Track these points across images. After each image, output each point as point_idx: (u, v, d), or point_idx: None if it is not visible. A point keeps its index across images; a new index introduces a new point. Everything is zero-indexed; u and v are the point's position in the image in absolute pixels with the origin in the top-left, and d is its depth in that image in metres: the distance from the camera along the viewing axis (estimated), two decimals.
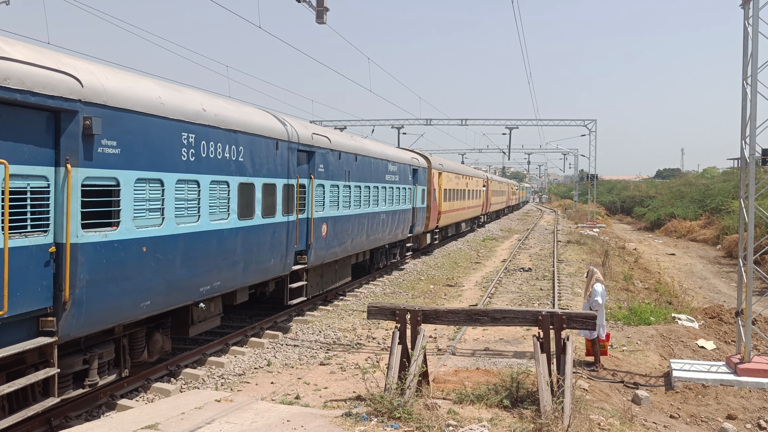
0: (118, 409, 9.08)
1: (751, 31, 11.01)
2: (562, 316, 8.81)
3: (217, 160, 10.56)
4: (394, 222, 21.69)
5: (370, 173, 18.98)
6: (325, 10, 13.99)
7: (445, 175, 31.27)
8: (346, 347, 12.83)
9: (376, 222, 19.61)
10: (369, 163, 18.86)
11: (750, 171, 11.12)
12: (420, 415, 7.65)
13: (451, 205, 33.33)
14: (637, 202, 76.01)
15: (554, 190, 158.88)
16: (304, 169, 14.33)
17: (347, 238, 17.10)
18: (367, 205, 18.66)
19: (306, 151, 14.32)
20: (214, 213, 10.51)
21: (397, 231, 22.42)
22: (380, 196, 19.94)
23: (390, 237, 21.58)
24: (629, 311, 16.76)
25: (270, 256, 12.58)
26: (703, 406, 10.61)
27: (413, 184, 24.75)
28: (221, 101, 11.47)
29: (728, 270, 33.05)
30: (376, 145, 20.91)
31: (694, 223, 52.67)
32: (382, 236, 20.47)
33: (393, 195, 21.49)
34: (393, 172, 21.46)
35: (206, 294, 10.45)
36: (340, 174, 16.34)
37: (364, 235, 18.48)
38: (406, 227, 23.75)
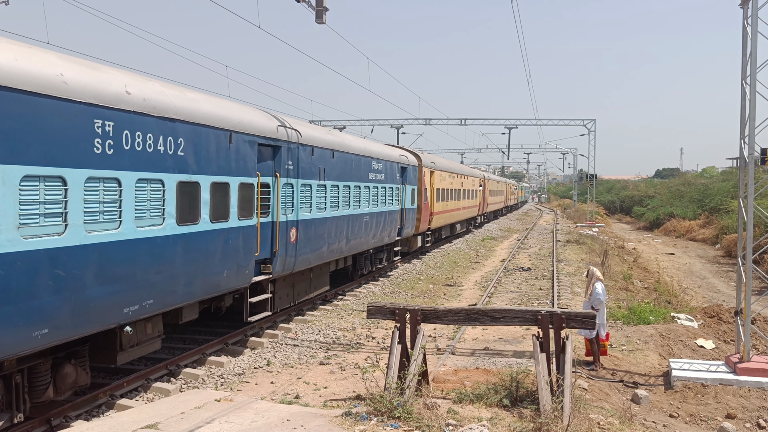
0: (117, 408, 9.08)
1: (750, 31, 11.02)
2: (562, 316, 8.82)
3: (147, 154, 8.81)
4: (379, 224, 20.04)
5: (351, 171, 17.20)
6: (324, 10, 13.99)
7: (438, 173, 29.78)
8: (346, 347, 12.84)
9: (359, 225, 17.95)
10: (349, 160, 17.07)
11: (749, 170, 11.13)
12: (420, 415, 7.66)
13: (445, 205, 31.71)
14: (636, 201, 76.08)
15: (553, 189, 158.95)
16: (268, 166, 12.63)
17: (323, 244, 15.39)
18: (347, 207, 16.94)
19: (270, 145, 12.60)
20: (142, 218, 8.81)
21: (384, 234, 20.74)
22: (363, 196, 18.23)
23: (375, 241, 19.95)
24: (628, 311, 16.78)
25: (222, 267, 10.90)
26: (703, 405, 10.62)
27: (402, 183, 23.08)
28: (156, 84, 9.66)
29: (727, 269, 33.08)
30: (358, 141, 19.06)
31: (693, 223, 52.71)
32: (365, 240, 18.84)
33: (378, 195, 19.81)
34: (378, 171, 19.78)
35: (134, 315, 8.78)
36: (313, 172, 14.58)
37: (343, 240, 16.80)
38: (393, 230, 22.07)
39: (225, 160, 10.96)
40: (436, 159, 31.15)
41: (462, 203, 37.41)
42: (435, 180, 28.71)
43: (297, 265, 14.01)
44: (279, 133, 12.84)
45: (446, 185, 31.75)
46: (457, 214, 36.18)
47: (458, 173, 35.91)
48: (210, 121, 10.49)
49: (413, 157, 25.78)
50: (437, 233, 32.71)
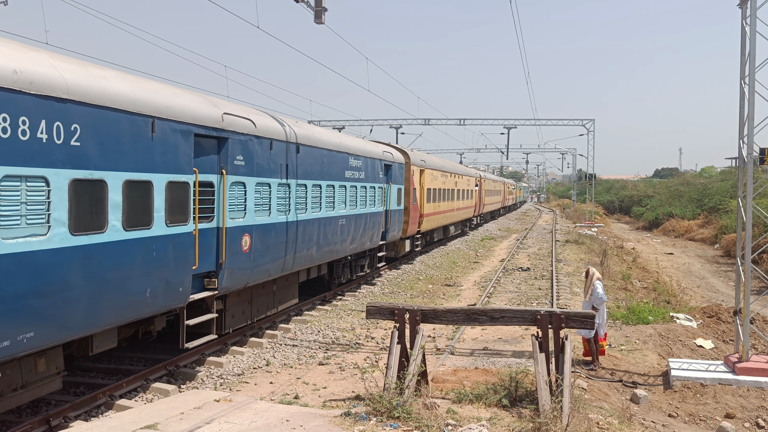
0: (117, 409, 9.07)
1: (749, 31, 11.03)
2: (561, 316, 8.83)
3: (20, 143, 6.82)
4: (359, 228, 18.14)
5: (322, 169, 15.22)
6: (323, 10, 13.99)
7: (429, 172, 27.75)
8: (345, 347, 12.84)
9: (333, 229, 16.04)
10: (320, 156, 15.06)
11: (748, 170, 11.14)
12: (419, 415, 7.66)
13: (437, 206, 29.77)
14: (635, 201, 76.10)
15: (552, 189, 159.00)
16: (211, 161, 10.64)
17: (287, 252, 13.36)
18: (318, 209, 14.98)
19: (213, 137, 10.59)
20: (13, 226, 6.84)
21: (364, 239, 18.87)
22: (338, 197, 16.28)
23: (354, 246, 18.05)
24: (627, 310, 16.79)
25: (143, 285, 8.97)
26: (702, 405, 10.63)
27: (386, 182, 21.15)
28: (43, 54, 7.69)
29: (726, 269, 33.10)
30: (331, 135, 16.79)
31: (692, 223, 52.74)
32: (342, 246, 16.96)
33: (357, 196, 17.93)
34: (356, 168, 17.86)
35: (7, 354, 6.86)
36: (272, 169, 12.55)
37: (314, 247, 14.84)
38: (376, 234, 20.12)
39: (146, 153, 8.92)
40: (426, 157, 29.17)
41: (456, 204, 35.45)
42: (425, 179, 26.89)
43: (253, 278, 12.09)
44: (225, 122, 10.84)
45: (438, 185, 29.94)
46: (451, 215, 34.13)
47: (451, 172, 34.10)
48: (122, 103, 8.45)
49: (399, 154, 23.76)
50: (428, 236, 30.79)
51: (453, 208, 34.46)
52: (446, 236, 35.25)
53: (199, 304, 10.80)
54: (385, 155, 21.16)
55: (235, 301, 12.16)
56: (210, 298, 10.91)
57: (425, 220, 27.23)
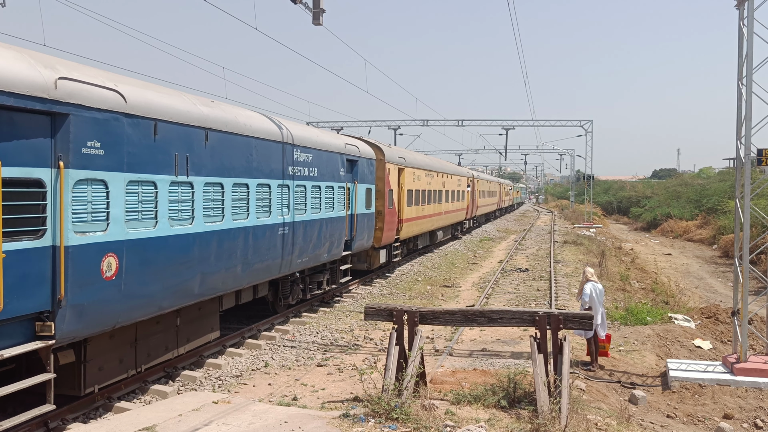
0: (115, 411, 9.06)
1: (746, 32, 11.06)
2: (559, 317, 8.84)
3: None
4: (310, 237, 14.88)
5: (250, 163, 11.95)
6: (321, 12, 13.99)
7: (410, 171, 24.59)
8: (344, 348, 12.84)
9: (269, 240, 12.72)
10: (246, 146, 11.76)
11: (746, 171, 11.15)
12: (417, 416, 7.66)
13: (420, 210, 26.54)
14: (633, 202, 76.18)
15: (551, 190, 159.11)
16: (35, 148, 7.38)
17: (190, 274, 10.05)
18: (244, 215, 11.73)
19: (39, 111, 7.40)
20: None
21: (320, 250, 15.61)
22: (276, 199, 13.02)
23: (305, 260, 14.78)
24: (626, 311, 16.80)
25: None
26: (700, 405, 10.64)
27: (351, 181, 18.04)
28: None
29: (724, 270, 33.14)
30: (262, 120, 12.90)
31: (690, 223, 52.80)
32: (285, 261, 13.65)
33: (306, 197, 14.66)
34: (305, 164, 14.53)
35: None
36: (158, 162, 9.24)
37: (238, 264, 11.50)
38: (337, 243, 16.92)
39: None
40: (407, 154, 25.80)
41: (444, 206, 32.35)
42: (405, 179, 23.76)
43: (127, 314, 8.85)
44: (62, 91, 7.63)
45: (422, 185, 26.88)
46: (438, 219, 30.97)
47: (438, 171, 30.89)
48: None
49: (369, 148, 20.27)
50: (411, 243, 27.43)
51: (440, 212, 31.36)
52: (433, 242, 31.86)
53: (32, 358, 7.62)
54: (349, 149, 17.89)
55: (104, 348, 8.99)
56: (45, 350, 7.49)
57: (405, 225, 24.02)
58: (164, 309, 9.74)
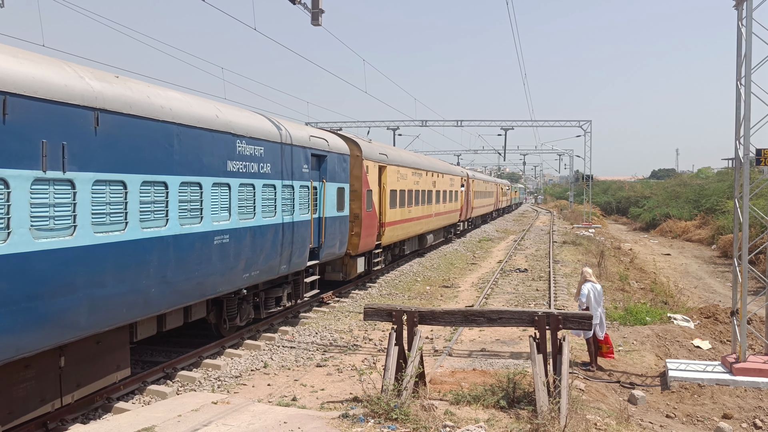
0: (114, 411, 9.06)
1: (745, 32, 11.07)
2: (558, 317, 8.84)
3: None
4: (261, 246, 12.46)
5: (168, 156, 9.53)
6: (320, 12, 14.00)
7: (393, 169, 22.12)
8: (343, 349, 12.84)
9: (201, 252, 10.41)
10: (164, 135, 9.42)
11: (744, 171, 11.16)
12: (417, 417, 7.66)
13: (406, 212, 24.22)
14: (632, 202, 76.28)
15: (550, 190, 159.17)
16: None
17: (70, 301, 7.69)
18: (161, 221, 9.41)
19: None
20: None
21: (274, 261, 13.14)
22: (210, 201, 10.68)
23: (255, 274, 12.39)
24: (625, 311, 16.81)
25: None
26: (699, 405, 10.65)
27: (318, 179, 15.68)
28: None
29: (723, 270, 33.17)
30: (186, 104, 10.27)
31: (689, 224, 52.86)
32: (226, 276, 11.27)
33: (256, 198, 12.31)
34: (253, 158, 12.19)
35: None
36: (13, 151, 6.96)
37: (151, 285, 9.13)
38: (300, 252, 14.43)
39: None
40: (389, 150, 23.09)
41: (435, 208, 29.97)
42: (388, 178, 21.46)
43: None
44: None
45: (408, 185, 24.51)
46: (428, 222, 28.56)
47: (428, 170, 28.53)
48: None
49: (342, 142, 17.85)
50: (397, 249, 25.07)
51: (430, 213, 29.03)
52: (423, 247, 29.30)
53: None
54: (315, 142, 15.39)
55: None
56: None
57: (388, 230, 21.69)
58: (26, 350, 7.13)
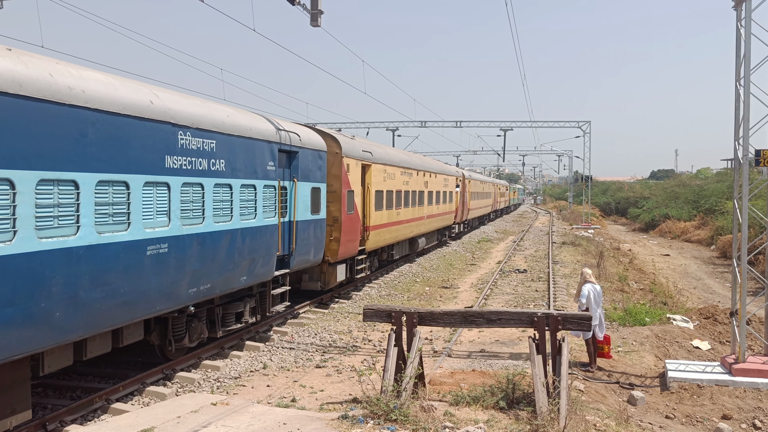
0: (113, 413, 9.04)
1: (744, 33, 11.07)
2: (558, 318, 8.84)
3: None
4: (213, 256, 10.77)
5: (80, 148, 7.90)
6: (319, 13, 14.00)
7: (379, 169, 20.50)
8: (342, 350, 12.83)
9: (124, 266, 8.62)
10: (69, 122, 7.75)
11: (743, 172, 11.17)
12: (416, 417, 7.65)
13: (394, 214, 22.48)
14: (631, 203, 76.35)
15: (549, 191, 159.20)
16: None
17: None
18: (68, 230, 7.75)
19: None
20: None
21: (233, 273, 11.48)
22: (139, 203, 8.95)
23: (207, 288, 10.70)
24: (624, 312, 16.81)
25: None
26: (699, 406, 10.64)
27: (288, 178, 13.98)
28: None
29: (722, 270, 33.18)
30: (105, 86, 8.51)
31: (688, 224, 52.89)
32: (166, 293, 9.60)
33: (205, 200, 10.53)
34: (203, 153, 10.45)
35: None
36: None
37: (55, 309, 7.53)
38: (265, 260, 12.68)
39: None
40: (375, 147, 21.33)
41: (427, 210, 28.38)
42: (373, 178, 19.86)
43: None
44: None
45: (396, 185, 22.80)
46: (419, 224, 27.03)
47: (418, 169, 26.67)
48: None
49: (318, 137, 16.02)
50: (385, 254, 23.29)
51: (422, 216, 27.42)
52: (414, 251, 27.48)
53: None
54: (284, 137, 13.64)
55: None
56: None
57: (373, 234, 20.01)
58: None
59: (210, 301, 11.52)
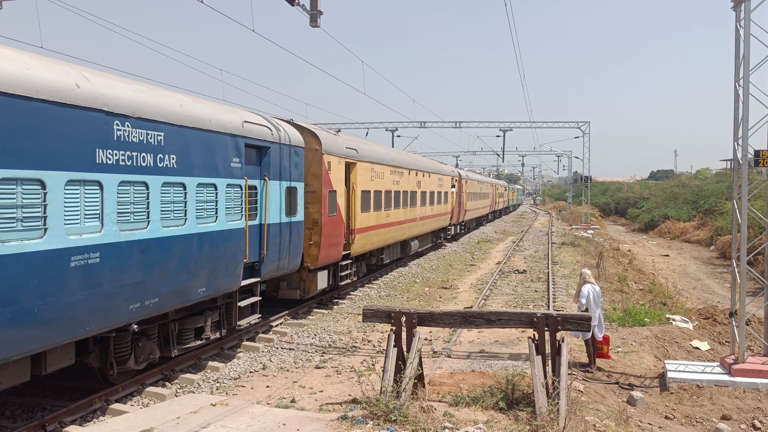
0: (112, 413, 9.04)
1: (743, 33, 11.08)
2: (557, 318, 8.84)
3: None
4: (162, 266, 9.40)
5: None
6: (318, 14, 14.01)
7: (365, 167, 19.22)
8: (342, 350, 12.83)
9: (37, 282, 7.27)
10: None
11: (743, 172, 11.17)
12: (416, 418, 7.66)
13: (383, 216, 21.24)
14: (630, 203, 76.39)
15: (548, 192, 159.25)
16: None
17: None
18: None
19: None
20: None
21: (189, 285, 10.10)
22: (59, 205, 7.59)
23: (155, 303, 9.34)
24: (624, 312, 16.82)
25: None
26: (698, 406, 10.65)
27: (258, 177, 12.60)
28: None
29: (722, 271, 33.20)
30: (27, 63, 7.36)
31: (687, 224, 52.91)
32: (100, 310, 8.26)
33: (150, 202, 9.13)
34: (146, 147, 9.02)
35: None
36: None
37: None
38: (229, 269, 11.30)
39: None
40: (361, 144, 19.99)
41: (420, 211, 27.17)
42: (359, 177, 18.60)
43: None
44: None
45: (385, 185, 21.45)
46: (412, 227, 25.92)
47: (410, 168, 25.45)
48: None
49: (294, 132, 14.62)
50: (373, 259, 22.08)
51: (414, 217, 26.15)
52: (406, 254, 26.44)
53: None
54: (252, 130, 12.19)
55: None
56: None
57: (359, 237, 18.79)
58: None
59: (163, 315, 10.21)
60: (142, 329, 9.78)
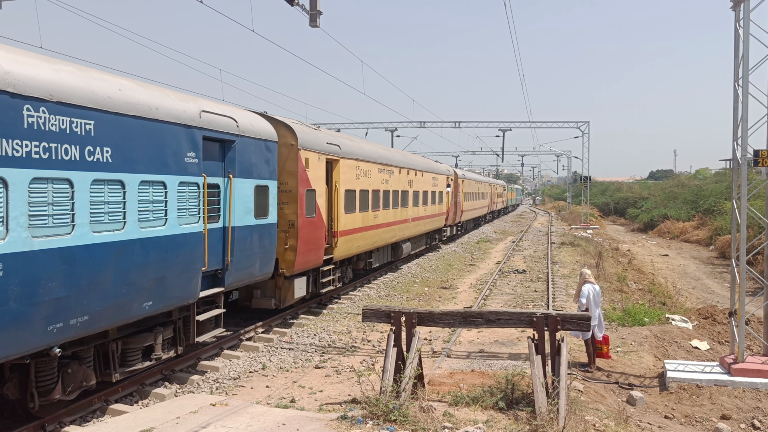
0: (112, 413, 9.04)
1: (742, 33, 11.09)
2: (557, 318, 8.84)
3: None
4: (93, 278, 7.92)
5: None
6: (318, 14, 14.02)
7: (349, 164, 17.78)
8: (341, 350, 12.83)
9: None
10: None
11: (742, 172, 11.18)
12: (415, 418, 7.66)
13: (370, 217, 19.85)
14: (630, 203, 76.44)
15: (548, 191, 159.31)
16: None
17: None
18: None
19: None
20: None
21: (128, 298, 8.59)
22: None
23: (84, 322, 7.85)
24: (623, 312, 16.83)
25: None
26: (698, 406, 10.65)
27: (221, 174, 11.26)
28: None
29: (721, 270, 33.22)
30: None
31: (687, 224, 52.96)
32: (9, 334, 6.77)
33: (74, 203, 7.62)
34: (70, 137, 7.54)
35: None
36: None
37: None
38: (184, 280, 9.87)
39: None
40: (344, 140, 18.31)
41: (412, 211, 25.75)
42: (342, 175, 17.23)
43: None
44: None
45: (372, 185, 20.08)
46: (402, 229, 24.19)
47: (401, 167, 23.80)
48: None
49: (265, 124, 13.11)
50: (360, 263, 20.64)
51: (406, 218, 24.68)
52: (398, 257, 24.91)
53: None
54: (212, 121, 10.76)
55: None
56: None
57: (343, 240, 17.42)
58: None
59: (101, 334, 8.75)
60: (73, 352, 8.35)
